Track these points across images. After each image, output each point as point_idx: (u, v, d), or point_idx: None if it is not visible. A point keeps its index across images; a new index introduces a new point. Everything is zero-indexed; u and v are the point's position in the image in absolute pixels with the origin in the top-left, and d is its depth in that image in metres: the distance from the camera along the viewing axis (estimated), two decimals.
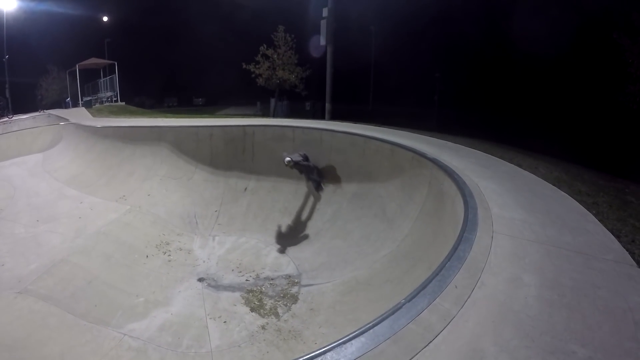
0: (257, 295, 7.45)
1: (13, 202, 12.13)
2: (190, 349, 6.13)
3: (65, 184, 13.45)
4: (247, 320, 6.72)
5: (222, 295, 7.58)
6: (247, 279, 8.07)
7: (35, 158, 17.42)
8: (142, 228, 10.00)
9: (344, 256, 7.91)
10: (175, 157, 12.84)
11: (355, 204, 9.14)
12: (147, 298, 7.50)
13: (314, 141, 10.74)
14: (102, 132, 16.23)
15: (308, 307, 6.77)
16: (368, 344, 2.81)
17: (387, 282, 6.35)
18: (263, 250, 9.07)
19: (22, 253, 8.83)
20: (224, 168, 11.99)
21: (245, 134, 12.07)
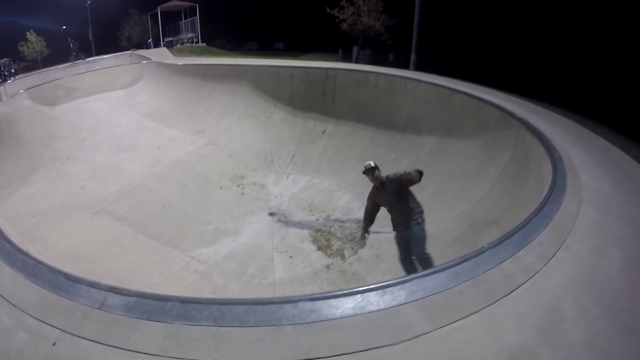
0: (326, 235, 8.16)
1: (95, 133, 14.11)
2: (254, 279, 7.01)
3: (146, 117, 15.30)
4: (313, 258, 7.47)
5: (291, 231, 8.43)
6: (317, 219, 8.84)
7: (117, 94, 19.73)
8: (218, 161, 11.24)
9: None
10: (255, 96, 13.95)
11: (432, 159, 9.37)
12: (217, 226, 8.59)
13: (397, 90, 11.04)
14: (183, 70, 17.87)
15: (374, 254, 7.32)
16: (448, 281, 3.14)
17: (456, 240, 6.71)
18: (335, 193, 9.77)
19: (102, 177, 10.44)
20: (303, 109, 12.80)
21: (327, 76, 12.68)
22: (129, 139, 13.19)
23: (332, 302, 3.06)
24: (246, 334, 2.87)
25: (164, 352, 2.79)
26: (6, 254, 4.17)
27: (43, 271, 3.76)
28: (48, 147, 13.08)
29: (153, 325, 2.99)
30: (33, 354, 2.95)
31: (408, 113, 10.63)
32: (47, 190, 10.26)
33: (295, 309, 3.02)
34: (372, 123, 11.14)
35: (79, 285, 3.49)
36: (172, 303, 3.15)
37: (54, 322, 3.14)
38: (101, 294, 3.34)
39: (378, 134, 10.93)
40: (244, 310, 3.06)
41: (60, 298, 3.37)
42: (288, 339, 2.81)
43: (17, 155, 12.34)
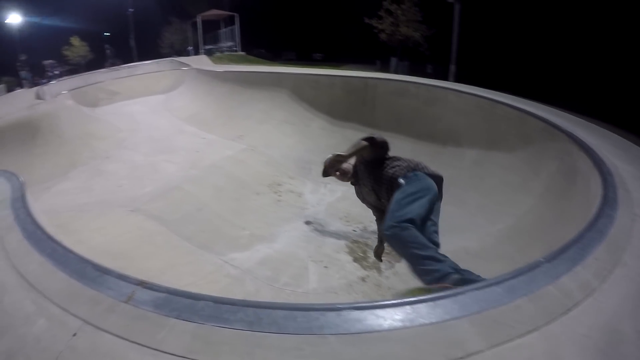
0: (362, 247, 7.98)
1: (134, 134, 14.37)
2: (287, 287, 6.83)
3: (184, 121, 15.50)
4: (348, 269, 7.29)
5: (327, 241, 8.25)
6: (354, 229, 8.67)
7: (157, 98, 20.10)
8: (255, 166, 11.21)
9: (456, 224, 7.73)
10: (294, 104, 13.95)
11: (474, 172, 9.23)
12: (252, 232, 8.45)
13: (437, 100, 10.90)
14: (222, 77, 18.11)
15: None
16: (503, 295, 2.93)
17: (498, 257, 6.47)
18: None
19: (139, 177, 10.54)
20: (342, 118, 12.72)
21: (367, 85, 12.60)
22: (167, 142, 13.42)
23: (379, 312, 2.82)
24: (284, 341, 2.64)
25: (191, 354, 2.58)
26: (37, 240, 4.16)
27: (71, 259, 3.70)
28: (87, 146, 13.40)
29: (182, 324, 2.80)
30: (51, 343, 2.82)
31: (449, 124, 10.48)
32: (84, 186, 10.45)
33: (338, 318, 2.78)
34: (412, 134, 10.97)
35: (107, 276, 3.38)
36: (204, 302, 2.97)
37: (77, 312, 3.01)
38: (129, 287, 3.20)
39: (418, 145, 10.71)
40: (282, 315, 2.83)
41: (86, 288, 3.25)
42: (330, 349, 2.57)
43: (57, 152, 12.68)
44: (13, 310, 3.31)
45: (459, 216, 8.17)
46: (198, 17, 40.29)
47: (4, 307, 3.37)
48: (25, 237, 4.32)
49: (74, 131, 14.03)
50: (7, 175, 6.96)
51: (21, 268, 3.76)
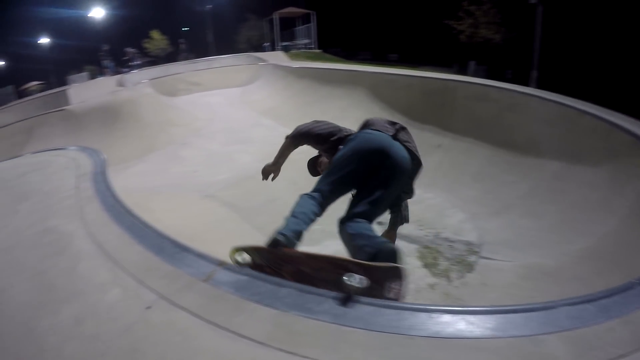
0: (434, 253, 7.62)
1: (211, 124, 14.78)
2: None
3: (261, 114, 15.75)
4: (417, 274, 6.96)
5: (399, 244, 8.00)
6: (426, 234, 8.29)
7: (234, 91, 20.61)
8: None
9: (532, 239, 7.56)
10: (371, 103, 13.74)
11: (554, 185, 8.64)
12: (324, 227, 8.21)
13: (519, 106, 10.33)
14: (299, 73, 18.18)
15: (481, 281, 6.72)
16: (597, 315, 2.73)
17: (574, 279, 5.98)
18: (448, 211, 9.19)
19: (214, 165, 10.71)
20: (419, 120, 12.18)
21: (446, 88, 12.19)
22: (243, 133, 13.64)
23: (470, 318, 2.63)
24: (371, 338, 2.44)
25: (272, 342, 2.42)
26: (116, 213, 4.20)
27: (150, 234, 3.68)
28: (165, 132, 13.85)
29: (264, 310, 2.66)
30: (124, 312, 2.79)
31: (529, 133, 9.87)
32: (160, 169, 10.78)
33: (429, 320, 2.59)
34: (490, 140, 10.43)
35: (186, 253, 3.32)
36: (287, 290, 2.83)
37: (153, 285, 2.94)
38: (209, 266, 3.11)
39: (496, 153, 10.19)
40: (370, 312, 2.65)
41: (164, 263, 3.20)
42: (419, 352, 2.36)
43: (136, 136, 13.16)
44: (87, 276, 3.29)
45: (536, 231, 7.78)
46: (275, 14, 41.03)
47: (79, 273, 3.36)
48: (105, 209, 4.37)
49: (153, 117, 14.55)
50: (89, 152, 7.20)
51: (98, 238, 3.77)
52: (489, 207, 8.98)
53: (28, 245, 3.92)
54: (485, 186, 9.64)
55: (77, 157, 6.92)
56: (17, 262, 3.68)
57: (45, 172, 6.38)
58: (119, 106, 14.44)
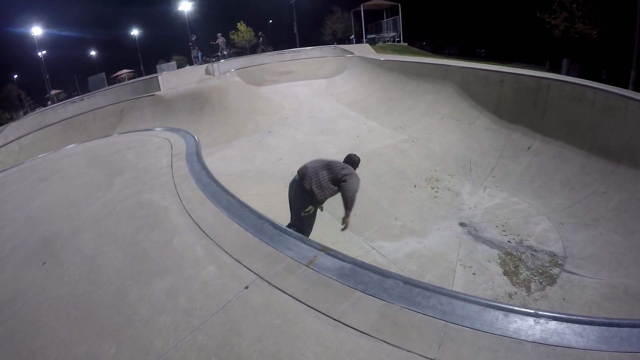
0: (515, 261, 7.42)
1: (297, 114, 14.94)
2: None
3: (347, 106, 15.74)
4: (497, 281, 6.82)
5: (479, 247, 7.79)
6: (509, 241, 8.05)
7: (320, 82, 20.79)
8: (415, 159, 10.96)
9: (619, 256, 7.12)
10: (460, 99, 13.34)
11: None
12: (405, 224, 8.25)
13: (616, 110, 9.53)
14: (386, 65, 17.94)
15: (562, 296, 6.46)
16: None
17: None
18: (533, 218, 8.85)
19: (299, 154, 10.76)
20: (509, 120, 11.87)
21: (539, 87, 11.55)
22: (329, 124, 13.71)
23: (576, 327, 2.58)
24: (478, 338, 2.42)
25: (376, 334, 2.40)
26: (212, 191, 4.28)
27: (248, 214, 3.73)
28: (252, 120, 14.17)
29: (369, 299, 2.64)
30: (220, 290, 2.84)
31: (627, 140, 9.10)
32: (246, 155, 11.02)
33: (537, 325, 2.56)
34: (583, 146, 9.83)
35: (287, 236, 3.38)
36: (393, 281, 2.82)
37: (252, 266, 3.02)
38: (311, 251, 3.16)
39: (589, 160, 9.59)
40: (478, 311, 2.63)
41: (264, 245, 3.24)
42: (525, 357, 2.34)
43: (223, 122, 13.60)
44: (182, 251, 3.35)
45: (625, 248, 7.29)
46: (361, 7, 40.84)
47: (173, 247, 3.43)
48: (200, 188, 4.47)
49: (240, 105, 14.90)
50: (182, 133, 7.41)
51: (193, 214, 3.83)
52: (577, 217, 8.54)
53: (122, 217, 4.06)
54: (574, 195, 9.16)
55: (170, 137, 7.17)
56: (110, 232, 3.81)
57: (140, 150, 6.64)
58: (207, 93, 14.88)
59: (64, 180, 6.06)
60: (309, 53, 26.56)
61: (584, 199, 8.91)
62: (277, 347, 2.42)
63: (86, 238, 3.86)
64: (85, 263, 3.47)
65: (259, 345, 2.44)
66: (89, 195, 4.80)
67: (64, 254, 3.73)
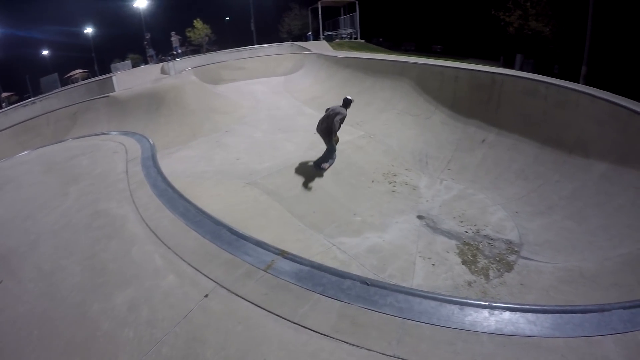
0: (473, 250, 7.61)
1: (255, 112, 14.86)
2: (392, 279, 6.63)
3: (304, 103, 15.82)
4: (456, 271, 6.98)
5: (438, 239, 7.96)
6: (466, 231, 8.26)
7: (278, 80, 20.75)
8: (373, 154, 11.11)
9: (574, 241, 7.44)
10: (416, 95, 13.58)
11: (600, 187, 8.40)
12: (364, 219, 8.35)
13: (568, 104, 10.03)
14: (344, 62, 18.07)
15: (520, 281, 6.69)
16: None
17: (614, 285, 5.91)
18: (489, 208, 9.12)
19: (257, 153, 10.79)
20: (464, 114, 12.17)
21: (493, 82, 11.90)
22: (287, 122, 13.74)
23: (530, 316, 2.72)
24: (436, 333, 2.51)
25: (336, 334, 2.46)
26: (168, 198, 4.22)
27: (206, 221, 3.72)
28: (209, 119, 14.01)
29: (328, 301, 2.71)
30: (181, 299, 2.84)
31: (578, 131, 9.58)
32: (204, 156, 10.92)
33: (492, 317, 2.67)
34: (537, 138, 10.25)
35: (244, 242, 3.38)
36: (351, 281, 2.88)
37: (211, 274, 3.03)
38: (269, 255, 3.18)
39: (542, 151, 10.02)
40: (434, 306, 2.72)
41: (222, 251, 3.25)
42: (482, 349, 2.44)
43: (180, 123, 13.40)
44: (141, 261, 3.32)
45: (579, 233, 7.62)
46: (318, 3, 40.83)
47: (132, 258, 3.39)
48: (156, 195, 4.41)
49: (197, 104, 14.71)
50: (137, 137, 7.29)
51: (151, 223, 3.79)
52: (532, 206, 8.86)
53: (79, 228, 3.98)
54: (529, 184, 9.52)
55: (125, 142, 7.04)
56: (67, 244, 3.73)
57: (95, 156, 6.50)
58: (163, 93, 14.63)
59: (18, 190, 5.89)
60: (266, 50, 26.51)
61: (538, 188, 9.26)
62: (240, 353, 2.43)
63: (43, 252, 3.77)
64: (43, 279, 3.39)
65: (223, 353, 2.45)
66: (45, 206, 4.67)
67: (21, 270, 3.64)
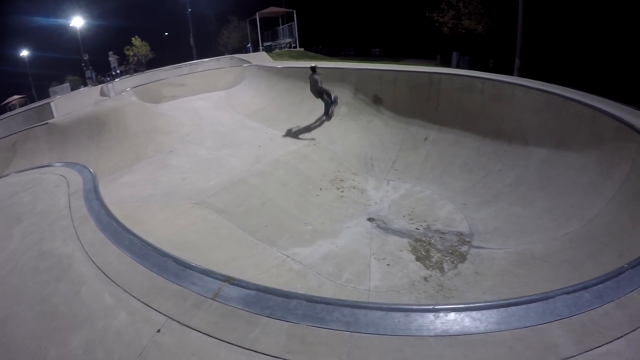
0: (425, 245, 7.77)
1: (198, 129, 14.70)
2: (349, 283, 6.71)
3: (247, 117, 15.78)
4: (411, 268, 7.10)
5: (390, 239, 8.09)
6: (417, 228, 8.43)
7: (219, 94, 20.61)
8: (319, 162, 11.16)
9: (522, 225, 7.78)
10: (357, 99, 13.86)
11: (542, 172, 8.82)
12: (316, 227, 8.39)
13: (504, 96, 10.47)
14: (284, 72, 18.20)
15: (475, 270, 6.88)
16: (592, 301, 2.94)
17: (565, 262, 6.17)
18: (437, 203, 9.35)
19: (203, 171, 10.68)
20: (405, 114, 12.44)
21: (431, 81, 12.26)
22: (231, 137, 13.66)
23: (474, 314, 2.82)
24: (384, 342, 2.59)
25: (288, 355, 2.51)
26: (112, 232, 4.16)
27: (151, 253, 3.68)
28: (152, 140, 13.77)
29: (276, 323, 2.75)
30: (134, 337, 2.81)
31: (516, 121, 10.01)
32: (149, 179, 10.70)
33: (437, 319, 2.76)
34: (477, 131, 10.61)
35: (191, 271, 3.37)
36: (297, 301, 2.93)
37: (161, 307, 3.01)
38: (215, 283, 3.19)
39: (483, 143, 10.40)
40: (379, 316, 2.79)
41: (170, 283, 3.24)
42: (430, 352, 2.53)
43: (123, 146, 13.10)
44: (91, 302, 3.27)
45: (526, 217, 7.95)
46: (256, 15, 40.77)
47: (82, 299, 3.33)
48: (100, 229, 4.33)
49: (139, 126, 14.43)
50: (78, 168, 7.12)
51: (97, 260, 3.73)
52: (479, 196, 9.15)
53: (26, 271, 3.87)
54: (473, 176, 9.81)
55: (66, 174, 6.85)
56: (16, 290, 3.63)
57: (36, 191, 6.30)
58: (104, 116, 14.25)
59: None
60: (206, 65, 26.14)
61: (482, 179, 9.58)
62: None
63: None
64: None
65: None
66: None
67: None
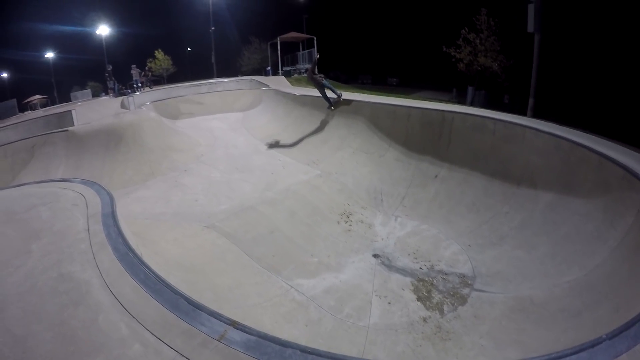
0: (427, 286, 7.77)
1: (213, 150, 14.92)
2: (349, 318, 6.75)
3: (262, 141, 15.95)
4: (411, 307, 7.10)
5: (393, 277, 8.10)
6: (420, 267, 8.43)
7: (236, 115, 20.90)
8: (328, 193, 11.25)
9: (524, 270, 7.73)
10: (370, 132, 13.94)
11: (547, 216, 8.77)
12: (321, 260, 8.44)
13: (515, 137, 10.50)
14: (301, 100, 18.50)
15: (474, 313, 6.88)
16: None
17: (562, 311, 6.16)
18: (442, 243, 9.34)
19: (214, 194, 10.81)
20: (417, 151, 12.50)
21: (444, 119, 12.32)
22: (244, 161, 13.82)
23: None
24: None
25: None
26: (129, 262, 4.26)
27: (164, 289, 3.80)
28: (167, 158, 14.00)
29: None
30: None
31: (524, 164, 9.98)
32: (162, 197, 10.86)
33: None
34: (486, 171, 10.61)
35: (200, 312, 3.49)
36: (292, 350, 3.03)
37: (172, 343, 3.13)
38: (222, 325, 3.31)
39: (492, 184, 10.36)
40: None
41: (180, 321, 3.37)
42: None
43: (138, 160, 13.35)
44: (108, 330, 3.40)
45: (528, 262, 7.89)
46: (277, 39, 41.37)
47: (99, 326, 3.46)
48: (118, 258, 4.45)
49: (155, 142, 14.72)
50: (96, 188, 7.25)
51: (114, 289, 3.85)
52: (484, 238, 9.12)
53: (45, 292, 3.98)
54: (480, 217, 9.79)
55: (84, 193, 6.98)
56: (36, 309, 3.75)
57: (54, 208, 6.41)
58: (122, 130, 14.56)
59: None
60: (225, 85, 26.60)
61: (488, 220, 9.53)
62: None
63: (13, 315, 3.74)
64: (17, 344, 3.37)
65: None
66: (8, 264, 4.61)
67: None
